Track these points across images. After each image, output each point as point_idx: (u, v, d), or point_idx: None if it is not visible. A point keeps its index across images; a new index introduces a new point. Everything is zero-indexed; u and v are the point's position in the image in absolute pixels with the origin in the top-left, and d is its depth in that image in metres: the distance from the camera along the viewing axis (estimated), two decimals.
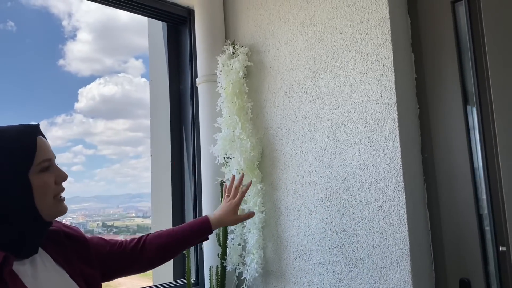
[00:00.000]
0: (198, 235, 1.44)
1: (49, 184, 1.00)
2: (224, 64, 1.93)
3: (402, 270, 1.48)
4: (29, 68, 6.31)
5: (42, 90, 6.61)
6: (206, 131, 2.03)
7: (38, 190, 0.98)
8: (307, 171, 1.76)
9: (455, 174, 1.53)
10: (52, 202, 1.01)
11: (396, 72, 1.55)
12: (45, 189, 0.99)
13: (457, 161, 1.54)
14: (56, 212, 1.03)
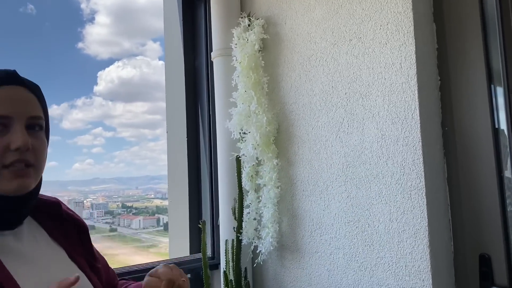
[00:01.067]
0: None
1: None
2: (240, 37, 1.90)
3: (420, 244, 1.45)
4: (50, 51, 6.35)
5: (63, 73, 6.67)
6: (222, 106, 2.01)
7: None
8: (323, 146, 1.74)
9: (477, 147, 1.49)
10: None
11: (417, 42, 1.49)
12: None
13: (479, 135, 1.49)
14: (3, 186, 0.81)
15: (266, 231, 1.81)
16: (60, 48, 4.16)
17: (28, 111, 0.84)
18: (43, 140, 0.87)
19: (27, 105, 0.84)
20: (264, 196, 1.85)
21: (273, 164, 1.84)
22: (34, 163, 0.84)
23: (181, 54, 2.28)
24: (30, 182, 0.83)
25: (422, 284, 1.44)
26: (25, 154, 0.81)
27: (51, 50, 4.00)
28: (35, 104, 0.87)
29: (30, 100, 0.86)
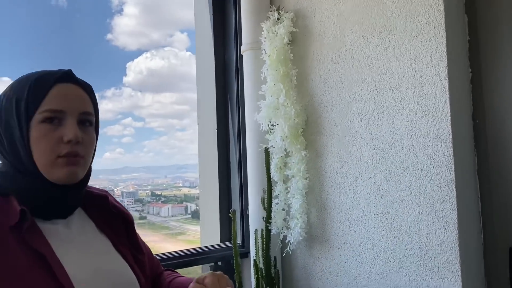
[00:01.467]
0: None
1: (47, 138, 0.86)
2: (269, 31, 1.92)
3: (449, 236, 1.46)
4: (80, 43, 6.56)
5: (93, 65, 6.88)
6: (251, 98, 2.04)
7: (34, 142, 0.86)
8: (352, 138, 1.75)
9: (508, 140, 1.48)
10: (51, 161, 0.87)
11: (448, 34, 1.49)
12: (41, 143, 0.86)
13: (510, 127, 1.48)
14: (54, 174, 0.87)
15: (295, 222, 1.84)
16: (90, 40, 4.25)
17: (80, 108, 0.90)
18: (92, 135, 0.94)
19: (80, 102, 0.91)
20: (292, 187, 1.89)
21: (301, 155, 1.87)
22: (83, 155, 0.90)
23: (211, 47, 2.32)
24: (79, 172, 0.90)
25: (451, 275, 1.45)
26: (75, 147, 0.88)
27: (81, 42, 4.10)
28: (87, 101, 0.93)
29: (83, 97, 0.92)
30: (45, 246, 0.83)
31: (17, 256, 0.80)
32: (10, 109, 0.88)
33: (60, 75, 0.90)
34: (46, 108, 0.87)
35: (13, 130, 0.87)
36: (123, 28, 4.27)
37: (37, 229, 0.85)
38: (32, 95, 0.87)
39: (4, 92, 0.91)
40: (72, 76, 0.93)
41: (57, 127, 0.88)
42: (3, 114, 0.89)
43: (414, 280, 1.55)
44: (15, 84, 0.91)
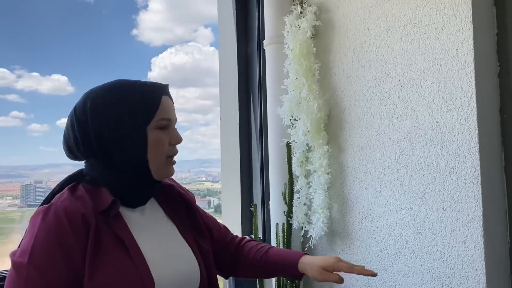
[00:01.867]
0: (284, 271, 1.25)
1: (163, 142, 1.03)
2: (292, 25, 1.92)
3: (474, 233, 1.43)
4: (107, 39, 6.56)
5: (119, 60, 6.92)
6: (273, 93, 2.04)
7: (152, 145, 1.01)
8: (375, 133, 1.73)
9: None
10: (162, 161, 1.03)
11: (475, 27, 1.45)
12: (159, 145, 1.02)
13: None
14: (164, 172, 1.05)
15: (316, 217, 1.84)
16: (116, 35, 4.32)
17: (175, 116, 1.08)
18: None
19: (174, 112, 1.08)
20: (314, 182, 1.88)
21: (323, 150, 1.86)
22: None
23: (234, 41, 2.33)
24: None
25: (475, 273, 1.43)
26: (176, 149, 1.07)
27: (108, 38, 4.18)
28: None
29: (174, 108, 1.09)
30: (125, 231, 0.98)
31: (104, 237, 0.94)
32: (122, 116, 0.99)
33: (165, 89, 1.07)
34: (161, 117, 1.02)
35: (125, 133, 0.99)
36: (148, 24, 4.33)
37: (120, 216, 1.00)
38: (148, 105, 1.01)
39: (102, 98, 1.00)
40: (168, 90, 1.09)
41: (167, 133, 1.04)
42: (112, 118, 0.99)
43: (437, 277, 1.53)
44: (116, 92, 1.01)
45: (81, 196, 0.98)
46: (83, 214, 0.93)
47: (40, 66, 9.63)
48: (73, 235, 0.91)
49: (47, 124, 8.44)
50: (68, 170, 1.12)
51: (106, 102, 1.00)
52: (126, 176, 1.02)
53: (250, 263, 1.25)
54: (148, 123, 1.00)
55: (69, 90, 8.57)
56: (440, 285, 1.52)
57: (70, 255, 0.90)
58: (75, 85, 8.52)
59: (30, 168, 8.45)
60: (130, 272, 0.93)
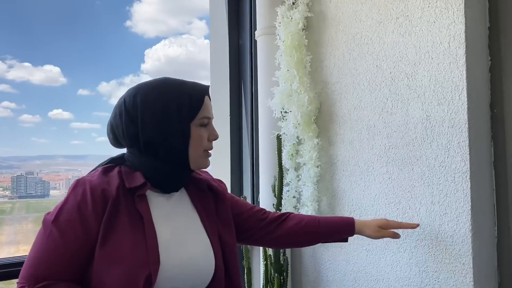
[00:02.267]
0: (338, 233, 1.40)
1: (203, 138, 1.13)
2: (284, 16, 1.90)
3: (462, 228, 1.43)
4: (100, 30, 6.48)
5: (112, 51, 6.82)
6: (264, 84, 2.02)
7: (194, 139, 1.12)
8: (365, 126, 1.72)
9: None
10: (201, 154, 1.14)
11: (467, 20, 1.44)
12: (200, 140, 1.13)
13: None
14: (201, 164, 1.16)
15: (305, 209, 1.83)
16: (110, 26, 4.27)
17: (213, 115, 1.18)
18: None
19: (212, 111, 1.18)
20: (303, 175, 1.87)
21: (313, 143, 1.85)
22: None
23: (226, 33, 2.30)
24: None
25: (463, 267, 1.42)
26: (212, 144, 1.17)
27: (101, 29, 4.12)
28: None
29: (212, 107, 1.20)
30: (145, 210, 1.07)
31: (123, 212, 1.04)
32: (169, 112, 1.09)
33: (207, 90, 1.17)
34: (203, 116, 1.13)
35: (172, 127, 1.09)
36: (142, 15, 4.28)
37: (145, 197, 1.09)
38: (193, 103, 1.12)
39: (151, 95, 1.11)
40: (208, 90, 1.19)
41: (206, 129, 1.15)
42: (160, 112, 1.09)
43: (425, 272, 1.52)
44: (164, 90, 1.12)
45: (111, 176, 1.09)
46: (104, 189, 1.04)
47: (32, 57, 9.50)
48: (92, 205, 1.02)
49: (39, 115, 8.36)
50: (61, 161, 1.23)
51: (156, 98, 1.10)
52: (164, 165, 1.12)
53: (296, 233, 1.36)
54: (192, 120, 1.11)
55: (62, 81, 8.45)
56: (428, 279, 1.52)
57: (86, 221, 1.01)
58: (68, 76, 8.40)
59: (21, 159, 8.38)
60: (139, 249, 1.02)
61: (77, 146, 29.23)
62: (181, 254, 1.08)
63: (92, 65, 44.47)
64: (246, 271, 1.90)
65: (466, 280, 1.42)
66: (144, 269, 1.00)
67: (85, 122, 31.15)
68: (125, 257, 1.01)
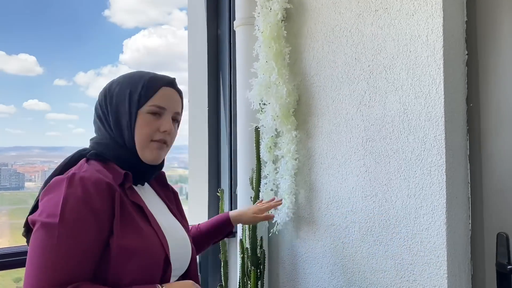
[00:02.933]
0: (221, 231, 1.58)
1: (149, 125, 1.13)
2: (263, 6, 1.87)
3: (437, 221, 1.44)
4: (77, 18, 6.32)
5: (89, 41, 6.70)
6: (243, 76, 2.00)
7: (138, 126, 1.13)
8: (343, 119, 1.72)
9: (501, 126, 1.45)
10: (146, 143, 1.14)
11: (445, 14, 1.44)
12: (144, 128, 1.13)
13: (505, 113, 1.45)
14: (147, 154, 1.14)
15: (282, 202, 1.82)
16: (87, 15, 4.16)
17: (175, 108, 1.18)
18: (177, 130, 1.23)
19: (176, 104, 1.19)
20: (281, 168, 1.86)
21: (291, 136, 1.84)
22: (169, 143, 1.19)
23: (204, 23, 2.26)
24: (162, 156, 1.19)
25: (437, 260, 1.44)
26: (166, 136, 1.16)
27: (78, 17, 4.02)
28: (180, 105, 1.22)
29: (178, 101, 1.21)
30: (140, 200, 1.12)
31: (127, 205, 1.07)
32: (123, 97, 1.13)
33: (168, 80, 1.18)
34: (153, 104, 1.14)
35: (121, 113, 1.13)
36: (121, 5, 4.17)
37: (133, 188, 1.13)
38: (145, 91, 1.13)
39: (117, 83, 1.16)
40: (174, 84, 1.20)
41: (157, 119, 1.15)
42: (115, 99, 1.14)
43: (400, 264, 1.53)
44: (128, 78, 1.16)
45: (100, 170, 1.09)
46: (108, 183, 1.04)
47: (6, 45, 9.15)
48: (99, 200, 1.01)
49: (14, 106, 8.21)
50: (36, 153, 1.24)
51: (119, 84, 1.16)
52: (122, 151, 1.14)
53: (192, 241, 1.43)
54: (140, 106, 1.13)
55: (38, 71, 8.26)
56: (403, 272, 1.53)
57: (98, 217, 1.00)
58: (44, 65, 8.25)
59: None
60: (152, 237, 1.07)
61: (53, 138, 28.63)
62: (177, 236, 1.18)
63: (69, 55, 43.41)
64: (223, 264, 1.88)
65: (440, 272, 1.43)
66: (160, 253, 1.07)
67: (61, 113, 30.60)
68: (141, 246, 1.04)
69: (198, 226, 1.56)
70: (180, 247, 1.19)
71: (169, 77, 1.20)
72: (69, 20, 3.80)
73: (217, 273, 2.05)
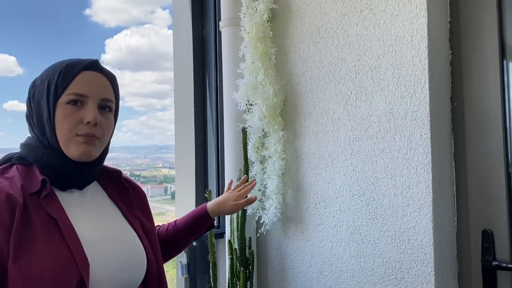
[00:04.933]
0: (200, 225, 1.42)
1: (70, 117, 0.98)
2: (249, 6, 1.87)
3: (424, 219, 1.46)
4: (58, 17, 6.17)
5: (71, 40, 6.52)
6: (229, 76, 1.99)
7: (59, 120, 0.98)
8: (330, 119, 1.73)
9: (485, 124, 1.48)
10: (69, 138, 0.98)
11: (430, 14, 1.46)
12: (65, 121, 0.97)
13: (488, 111, 1.47)
14: (72, 150, 0.98)
15: (270, 202, 1.82)
16: (68, 14, 4.09)
17: (101, 94, 1.01)
18: (110, 119, 1.05)
19: (102, 89, 1.02)
20: (269, 168, 1.86)
21: (279, 136, 1.84)
22: (99, 136, 1.01)
23: (189, 23, 2.25)
24: (94, 151, 1.01)
25: (424, 257, 1.46)
26: (93, 129, 0.99)
27: (59, 17, 3.95)
28: (109, 89, 1.04)
29: (105, 85, 1.03)
30: (58, 211, 0.95)
31: (34, 218, 0.91)
32: (42, 90, 1.00)
33: (86, 64, 1.01)
34: (71, 92, 0.98)
35: (42, 109, 0.99)
36: (102, 4, 4.12)
37: (54, 197, 0.97)
38: (61, 79, 0.98)
39: (41, 75, 1.03)
40: (98, 65, 1.03)
41: (80, 109, 0.99)
42: (36, 94, 1.01)
43: (388, 262, 1.55)
44: (50, 68, 1.02)
45: (11, 177, 0.96)
46: (8, 194, 0.91)
47: None
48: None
49: None
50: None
51: (39, 80, 1.02)
52: (43, 152, 1.00)
53: (169, 239, 1.36)
54: (57, 98, 0.99)
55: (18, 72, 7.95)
56: (391, 270, 1.54)
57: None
58: (24, 66, 7.93)
59: None
60: (61, 255, 0.90)
61: None
62: (110, 250, 0.99)
63: (50, 55, 42.26)
64: (212, 265, 1.88)
65: (427, 270, 1.45)
66: (73, 275, 0.89)
67: None
68: (47, 269, 0.87)
69: (174, 223, 1.40)
70: (120, 260, 1.00)
71: (91, 59, 1.03)
72: (50, 19, 3.73)
73: (206, 275, 2.05)
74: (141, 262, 1.05)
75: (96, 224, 1.01)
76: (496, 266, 1.43)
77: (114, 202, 1.10)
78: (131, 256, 1.03)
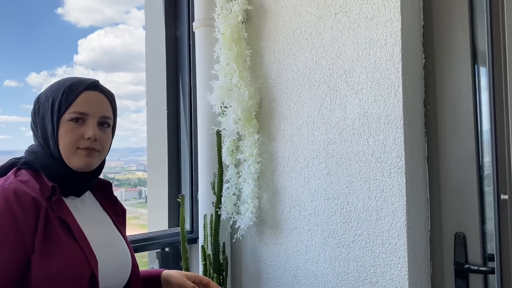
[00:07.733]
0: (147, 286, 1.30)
1: (72, 133, 1.09)
2: (223, 7, 1.84)
3: (398, 222, 1.46)
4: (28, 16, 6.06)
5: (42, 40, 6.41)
6: (203, 78, 1.96)
7: (62, 135, 1.09)
8: (305, 122, 1.71)
9: (457, 128, 1.49)
10: (72, 151, 1.09)
11: (403, 18, 1.47)
12: (67, 136, 1.09)
13: (460, 115, 1.49)
14: (75, 163, 1.09)
15: (245, 207, 1.79)
16: (39, 12, 3.97)
17: (101, 112, 1.13)
18: (108, 134, 1.17)
19: (101, 107, 1.14)
20: (244, 172, 1.83)
21: (254, 139, 1.82)
22: (99, 149, 1.12)
23: (162, 23, 2.20)
24: (94, 162, 1.12)
25: (398, 261, 1.45)
26: (93, 143, 1.10)
27: (29, 15, 3.83)
28: (108, 107, 1.16)
29: (104, 104, 1.15)
30: (68, 215, 1.07)
31: (52, 221, 1.03)
32: (47, 106, 1.11)
33: (88, 84, 1.13)
34: (74, 110, 1.09)
35: (46, 123, 1.10)
36: (75, 3, 4.00)
37: (63, 202, 1.08)
38: (65, 98, 1.09)
39: (45, 91, 1.14)
40: (98, 86, 1.15)
41: (81, 126, 1.10)
42: (41, 109, 1.12)
43: (362, 266, 1.54)
44: (54, 86, 1.13)
45: (27, 181, 1.05)
46: (33, 198, 1.00)
47: None
48: (23, 217, 0.97)
49: None
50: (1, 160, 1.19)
51: (44, 96, 1.13)
52: (58, 164, 1.10)
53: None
54: (61, 115, 1.09)
55: None
56: (365, 274, 1.54)
57: (22, 236, 0.97)
58: None
59: None
60: (77, 254, 1.02)
61: (4, 141, 26.99)
62: (112, 253, 1.13)
63: (20, 54, 41.28)
64: (184, 271, 1.84)
65: (401, 274, 1.45)
66: (86, 271, 1.02)
67: (13, 115, 28.90)
68: (66, 266, 1.00)
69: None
70: (117, 262, 1.14)
71: (92, 79, 1.15)
72: (20, 17, 3.62)
73: None
74: (129, 266, 1.18)
75: (97, 228, 1.14)
76: (468, 269, 1.44)
77: (105, 211, 1.22)
78: (124, 259, 1.17)
